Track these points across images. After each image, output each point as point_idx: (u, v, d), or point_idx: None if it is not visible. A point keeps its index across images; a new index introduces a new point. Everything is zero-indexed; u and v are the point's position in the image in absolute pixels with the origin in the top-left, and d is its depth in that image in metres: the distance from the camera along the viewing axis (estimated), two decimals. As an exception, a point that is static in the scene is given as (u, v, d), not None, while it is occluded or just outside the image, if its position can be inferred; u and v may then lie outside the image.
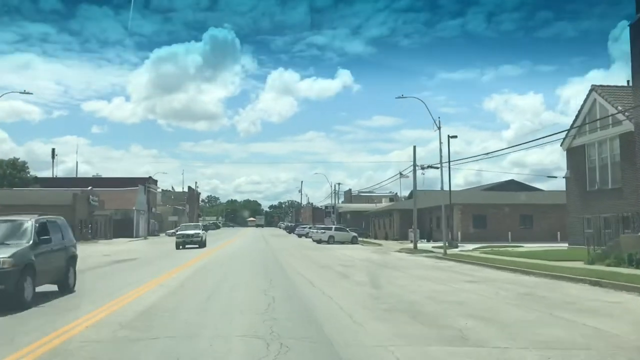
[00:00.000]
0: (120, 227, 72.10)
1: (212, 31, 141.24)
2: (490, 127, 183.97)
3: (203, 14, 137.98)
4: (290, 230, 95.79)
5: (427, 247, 40.31)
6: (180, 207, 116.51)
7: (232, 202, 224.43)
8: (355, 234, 53.54)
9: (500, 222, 48.41)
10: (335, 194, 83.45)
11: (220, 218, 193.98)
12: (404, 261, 26.52)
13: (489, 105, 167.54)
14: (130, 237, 71.48)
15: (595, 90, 27.71)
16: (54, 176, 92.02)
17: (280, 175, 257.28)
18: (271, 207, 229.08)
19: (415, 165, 37.15)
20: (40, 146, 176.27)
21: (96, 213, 65.75)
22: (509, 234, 47.34)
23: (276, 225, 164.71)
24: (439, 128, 30.46)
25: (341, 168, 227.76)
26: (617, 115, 24.70)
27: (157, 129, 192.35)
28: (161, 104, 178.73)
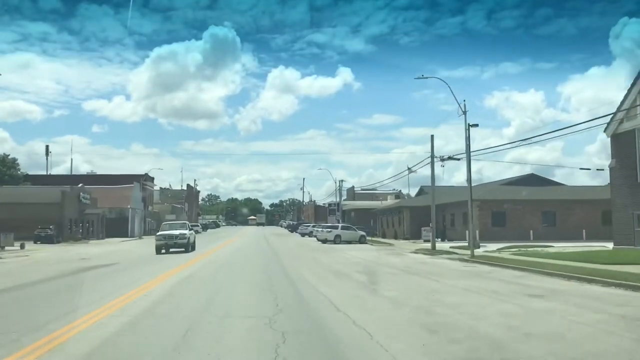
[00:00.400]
0: (115, 226, 68.44)
1: (213, 29, 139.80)
2: (490, 124, 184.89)
3: (203, 13, 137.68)
4: (293, 229, 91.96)
5: (445, 247, 36.69)
6: (178, 206, 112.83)
7: (233, 201, 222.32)
8: (363, 232, 49.91)
9: (520, 219, 44.76)
10: (339, 191, 79.70)
11: (220, 217, 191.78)
12: (428, 265, 22.84)
13: (490, 102, 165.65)
14: (124, 236, 67.85)
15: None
16: (48, 173, 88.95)
17: (281, 173, 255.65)
18: (272, 205, 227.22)
19: (433, 157, 33.45)
20: (41, 146, 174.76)
21: (87, 211, 62.13)
22: (531, 232, 43.74)
23: (277, 224, 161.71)
24: (465, 112, 26.79)
25: (341, 166, 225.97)
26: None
27: (158, 127, 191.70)
28: (162, 102, 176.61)
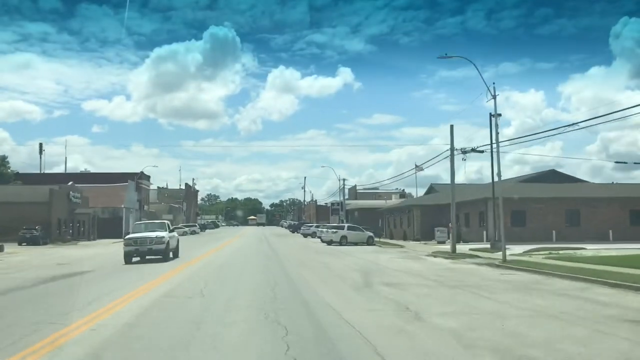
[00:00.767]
0: (108, 227, 65.01)
1: (213, 29, 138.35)
2: (488, 123, 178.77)
3: (202, 13, 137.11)
4: (294, 229, 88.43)
5: (463, 249, 33.31)
6: (176, 205, 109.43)
7: (233, 201, 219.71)
8: (370, 233, 46.49)
9: (542, 218, 41.38)
10: (342, 190, 76.25)
11: (220, 217, 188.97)
12: (458, 273, 19.48)
13: (490, 102, 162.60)
14: (119, 237, 64.24)
15: None
16: (41, 172, 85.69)
17: (281, 173, 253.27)
18: (272, 205, 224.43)
19: (452, 149, 30.04)
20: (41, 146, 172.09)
21: (78, 211, 58.76)
22: (553, 233, 40.37)
23: (277, 224, 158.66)
24: (494, 97, 23.42)
25: (342, 166, 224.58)
26: None
27: (158, 128, 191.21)
28: (162, 102, 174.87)
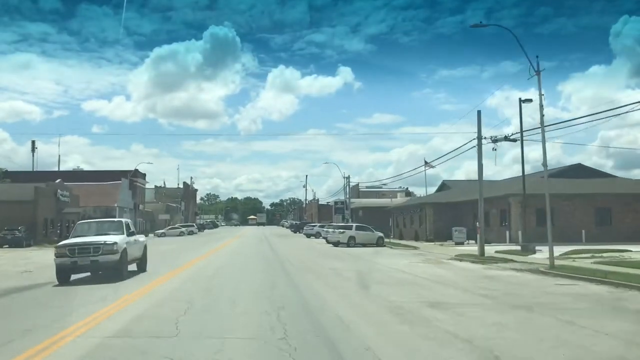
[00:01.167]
0: (100, 227, 61.37)
1: (213, 29, 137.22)
2: (491, 123, 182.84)
3: (202, 13, 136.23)
4: (296, 229, 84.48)
5: (489, 251, 29.64)
6: (174, 205, 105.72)
7: (233, 200, 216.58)
8: (380, 234, 42.88)
9: (570, 217, 37.78)
10: (347, 188, 72.56)
11: (219, 216, 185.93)
12: (503, 283, 15.89)
13: (491, 102, 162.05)
14: (111, 238, 60.83)
15: None
16: (33, 170, 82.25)
17: (281, 173, 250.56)
18: (272, 204, 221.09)
19: (480, 138, 26.34)
20: (40, 146, 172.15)
21: (67, 210, 55.09)
22: (583, 233, 36.81)
23: (278, 224, 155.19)
24: (538, 72, 19.75)
25: (342, 165, 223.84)
26: None
27: (158, 128, 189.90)
28: (162, 102, 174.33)
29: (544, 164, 19.87)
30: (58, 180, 55.88)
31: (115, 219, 22.61)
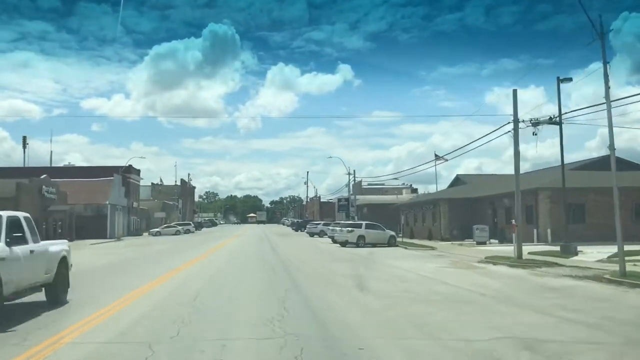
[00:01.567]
0: (92, 226, 57.54)
1: (212, 27, 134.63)
2: (491, 120, 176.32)
3: (201, 11, 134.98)
4: (298, 227, 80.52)
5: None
6: (170, 202, 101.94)
7: (232, 198, 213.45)
8: (392, 232, 39.24)
9: (605, 214, 33.88)
10: (352, 183, 68.84)
11: (219, 214, 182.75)
12: (577, 299, 12.25)
13: (490, 99, 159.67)
14: (103, 237, 57.13)
15: None
16: (24, 166, 78.67)
17: (280, 171, 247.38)
18: (272, 202, 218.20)
19: (516, 121, 22.56)
20: (40, 145, 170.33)
21: (53, 208, 51.27)
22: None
23: (278, 222, 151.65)
24: (601, 34, 16.03)
25: (341, 163, 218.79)
26: None
27: (158, 126, 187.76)
28: (161, 100, 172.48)
29: (610, 147, 16.12)
30: (44, 176, 51.98)
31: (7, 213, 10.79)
